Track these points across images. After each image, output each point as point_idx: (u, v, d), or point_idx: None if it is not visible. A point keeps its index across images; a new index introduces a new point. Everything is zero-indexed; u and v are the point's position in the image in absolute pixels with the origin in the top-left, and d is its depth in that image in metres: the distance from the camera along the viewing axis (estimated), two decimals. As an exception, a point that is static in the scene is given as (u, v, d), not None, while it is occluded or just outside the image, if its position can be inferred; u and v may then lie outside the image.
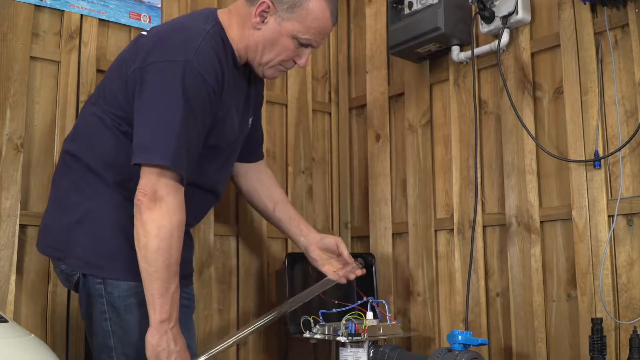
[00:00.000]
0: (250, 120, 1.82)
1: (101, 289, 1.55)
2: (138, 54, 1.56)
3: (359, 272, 1.89)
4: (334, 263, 1.90)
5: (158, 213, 1.46)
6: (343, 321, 1.81)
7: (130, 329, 1.53)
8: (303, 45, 1.64)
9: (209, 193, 1.75)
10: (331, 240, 1.89)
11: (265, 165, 2.03)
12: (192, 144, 1.52)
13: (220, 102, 1.59)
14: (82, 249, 1.57)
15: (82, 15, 2.02)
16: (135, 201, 1.48)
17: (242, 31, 1.63)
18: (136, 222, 1.48)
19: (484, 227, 2.08)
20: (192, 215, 1.64)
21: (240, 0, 1.66)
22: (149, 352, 1.48)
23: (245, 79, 1.73)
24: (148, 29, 1.68)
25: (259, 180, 1.97)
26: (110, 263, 1.56)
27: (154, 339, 1.47)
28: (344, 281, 1.86)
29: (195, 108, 1.51)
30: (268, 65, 1.67)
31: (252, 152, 1.95)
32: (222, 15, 1.65)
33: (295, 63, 1.68)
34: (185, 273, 1.63)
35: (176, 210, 1.49)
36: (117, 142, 1.58)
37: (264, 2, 1.59)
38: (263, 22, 1.61)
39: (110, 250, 1.56)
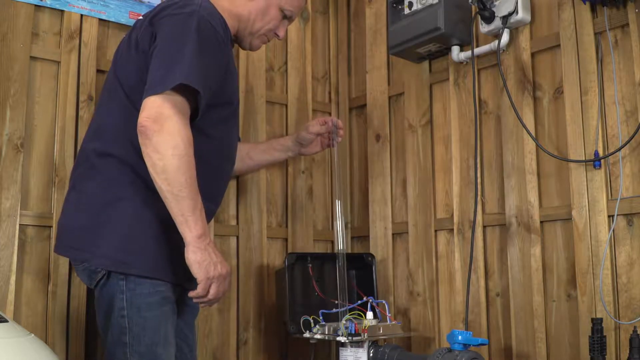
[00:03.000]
0: None
1: (122, 285, 1.53)
2: (143, 23, 1.62)
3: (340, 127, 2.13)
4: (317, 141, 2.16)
5: (167, 133, 1.44)
6: (343, 321, 1.81)
7: (148, 327, 1.52)
8: (285, 17, 1.81)
9: (231, 166, 1.80)
10: (302, 132, 2.12)
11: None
12: (209, 74, 1.53)
13: (229, 53, 1.65)
14: (112, 247, 1.54)
15: (82, 15, 2.02)
16: (139, 128, 1.45)
17: (233, 2, 1.73)
18: (146, 149, 1.45)
19: (484, 227, 2.08)
20: (218, 192, 1.67)
21: None
22: (195, 269, 1.47)
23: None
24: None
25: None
26: (137, 259, 1.54)
27: (196, 255, 1.47)
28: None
29: (209, 47, 1.55)
30: (258, 34, 1.79)
31: None
32: None
33: (275, 35, 1.83)
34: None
35: (184, 127, 1.47)
36: None
37: None
38: None
39: (138, 247, 1.54)
